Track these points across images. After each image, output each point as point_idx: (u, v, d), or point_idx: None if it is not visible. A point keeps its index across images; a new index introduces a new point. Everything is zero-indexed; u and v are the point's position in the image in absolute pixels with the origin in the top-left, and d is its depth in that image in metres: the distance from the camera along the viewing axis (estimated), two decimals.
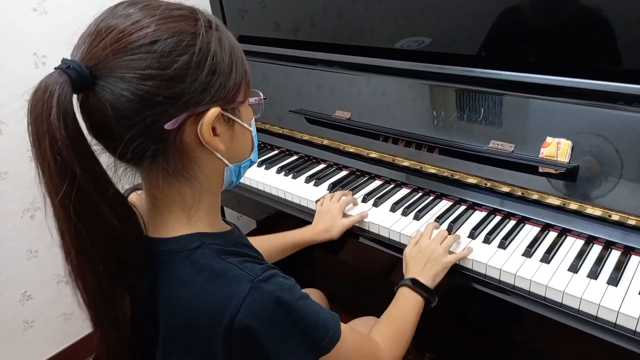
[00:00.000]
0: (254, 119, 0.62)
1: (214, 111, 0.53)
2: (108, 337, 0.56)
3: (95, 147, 0.52)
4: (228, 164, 0.59)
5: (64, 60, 0.49)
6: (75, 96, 0.49)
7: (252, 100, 0.59)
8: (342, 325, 0.62)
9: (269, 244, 0.97)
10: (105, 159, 0.54)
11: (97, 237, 0.51)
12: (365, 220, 1.00)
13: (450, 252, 0.87)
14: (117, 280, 0.54)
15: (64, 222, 0.50)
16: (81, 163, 0.48)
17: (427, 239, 0.88)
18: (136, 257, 0.55)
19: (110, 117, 0.49)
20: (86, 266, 0.52)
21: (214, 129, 0.54)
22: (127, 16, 0.50)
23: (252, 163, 0.64)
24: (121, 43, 0.48)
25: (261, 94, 0.61)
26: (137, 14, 0.50)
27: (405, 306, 0.80)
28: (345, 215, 1.02)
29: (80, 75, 0.48)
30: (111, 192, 0.52)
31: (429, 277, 0.83)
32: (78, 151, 0.48)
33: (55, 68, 0.48)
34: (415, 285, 0.81)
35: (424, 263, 0.84)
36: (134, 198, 0.64)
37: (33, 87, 0.48)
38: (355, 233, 1.02)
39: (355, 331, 0.66)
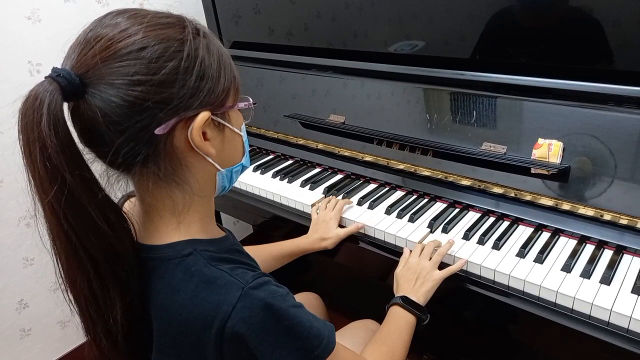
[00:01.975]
0: (244, 124, 0.63)
1: (203, 115, 0.53)
2: (100, 342, 0.56)
3: (88, 155, 0.53)
4: (219, 168, 0.59)
5: (54, 69, 0.49)
6: (65, 105, 0.50)
7: (241, 105, 0.60)
8: (339, 344, 0.61)
9: (266, 253, 0.97)
10: (97, 167, 0.54)
11: (87, 242, 0.51)
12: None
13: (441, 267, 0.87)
14: (107, 286, 0.54)
15: (54, 227, 0.50)
16: (71, 170, 0.49)
17: (415, 257, 0.88)
18: (128, 263, 0.55)
19: (100, 124, 0.49)
20: (77, 271, 0.52)
21: (204, 134, 0.55)
22: (115, 25, 0.51)
23: (244, 168, 0.65)
24: (110, 50, 0.49)
25: (250, 99, 0.62)
26: (125, 22, 0.51)
27: (397, 326, 0.79)
28: (341, 225, 1.03)
29: (70, 83, 0.48)
30: (102, 198, 0.53)
31: (420, 294, 0.83)
32: (68, 158, 0.49)
33: (46, 77, 0.49)
34: (407, 303, 0.81)
35: (414, 280, 0.84)
36: (127, 206, 0.64)
37: (24, 95, 0.49)
38: (351, 236, 1.02)
39: (349, 350, 0.65)
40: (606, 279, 0.77)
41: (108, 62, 0.49)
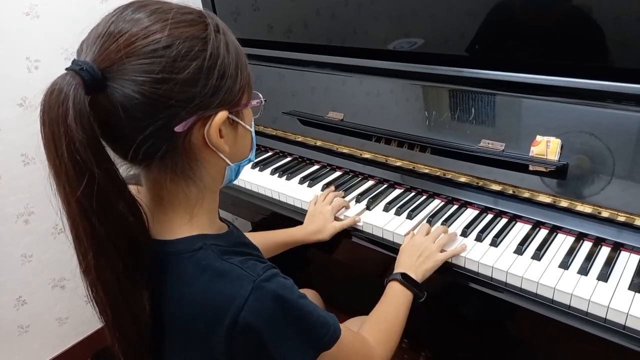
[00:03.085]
0: (253, 120, 0.64)
1: (222, 115, 0.54)
2: (127, 336, 0.55)
3: None
4: (230, 163, 0.60)
5: (75, 62, 0.49)
6: None
7: (254, 102, 0.61)
8: (340, 325, 0.63)
9: (261, 240, 0.97)
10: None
11: (115, 235, 0.52)
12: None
13: (443, 250, 0.88)
14: (135, 278, 0.54)
15: (80, 222, 0.50)
16: (98, 163, 0.49)
17: (422, 235, 0.90)
18: (149, 255, 0.56)
19: (121, 119, 0.50)
20: (105, 265, 0.52)
21: (219, 131, 0.56)
22: (137, 20, 0.51)
23: (250, 161, 0.66)
24: (135, 46, 0.49)
25: (261, 95, 0.63)
26: (148, 18, 0.51)
27: (395, 302, 0.80)
28: (337, 218, 1.03)
29: (93, 77, 0.48)
30: (126, 191, 0.53)
31: (419, 272, 0.84)
32: (95, 152, 0.49)
33: (67, 69, 0.49)
34: (405, 280, 0.82)
35: (416, 258, 0.85)
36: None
37: (45, 88, 0.48)
38: (349, 233, 1.03)
39: (350, 331, 0.67)
40: (604, 276, 0.78)
41: (132, 59, 0.49)
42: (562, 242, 0.87)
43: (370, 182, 1.15)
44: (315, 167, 1.25)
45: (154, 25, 0.50)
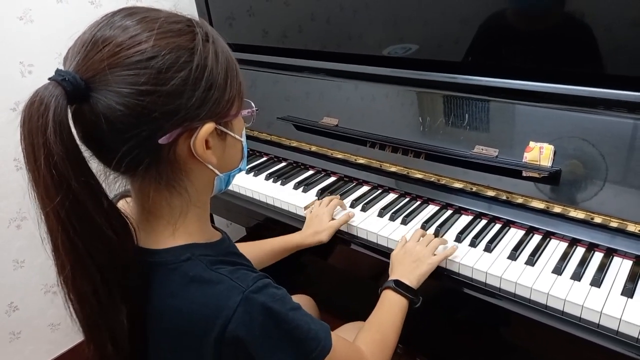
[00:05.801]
0: (244, 129, 0.63)
1: (208, 127, 0.53)
2: (104, 351, 0.55)
3: (85, 152, 0.52)
4: (218, 173, 0.59)
5: (58, 72, 0.48)
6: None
7: (244, 112, 0.60)
8: (332, 334, 0.62)
9: (258, 249, 0.97)
10: (93, 165, 0.53)
11: (93, 249, 0.51)
12: (354, 225, 1.01)
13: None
14: (114, 292, 0.53)
15: (58, 235, 0.49)
16: (77, 176, 0.48)
17: (414, 241, 0.90)
18: (132, 268, 0.55)
19: (104, 130, 0.49)
20: (82, 278, 0.51)
21: (206, 142, 0.55)
22: (125, 28, 0.50)
23: (240, 171, 0.65)
24: (119, 57, 0.48)
25: (253, 104, 0.61)
26: (135, 27, 0.50)
27: (390, 310, 0.80)
28: (333, 219, 1.03)
29: (75, 88, 0.47)
30: (106, 204, 0.52)
31: (414, 277, 0.84)
32: (74, 164, 0.48)
33: (50, 79, 0.48)
34: (399, 287, 0.82)
35: (410, 264, 0.85)
36: (123, 206, 0.64)
37: (26, 98, 0.48)
38: (344, 238, 1.03)
39: (343, 341, 0.66)
40: (596, 282, 0.78)
41: (116, 69, 0.48)
42: (556, 248, 0.88)
43: (364, 188, 1.15)
44: (310, 172, 1.25)
45: (140, 35, 0.49)
